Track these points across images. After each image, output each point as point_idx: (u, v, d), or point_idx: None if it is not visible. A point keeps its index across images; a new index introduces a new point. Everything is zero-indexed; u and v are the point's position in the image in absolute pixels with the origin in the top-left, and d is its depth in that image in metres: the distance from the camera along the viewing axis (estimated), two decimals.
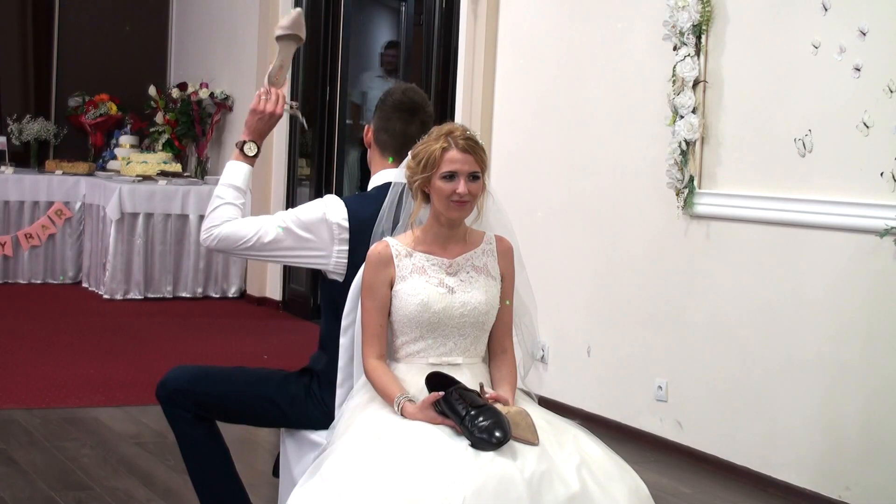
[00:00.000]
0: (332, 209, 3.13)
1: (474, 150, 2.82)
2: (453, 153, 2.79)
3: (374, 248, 2.86)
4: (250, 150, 3.27)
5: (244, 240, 3.12)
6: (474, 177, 2.80)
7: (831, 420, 4.38)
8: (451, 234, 2.86)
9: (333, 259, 3.12)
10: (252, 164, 3.28)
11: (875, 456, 4.23)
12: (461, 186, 2.78)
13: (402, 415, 2.67)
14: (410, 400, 2.68)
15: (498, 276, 2.89)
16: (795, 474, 4.50)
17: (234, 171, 3.25)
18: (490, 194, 2.92)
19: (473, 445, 2.51)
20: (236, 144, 3.29)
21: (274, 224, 3.13)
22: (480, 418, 2.52)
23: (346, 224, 3.10)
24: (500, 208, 2.98)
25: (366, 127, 3.33)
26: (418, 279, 2.81)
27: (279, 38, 3.35)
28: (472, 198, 2.81)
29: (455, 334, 2.82)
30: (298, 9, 3.47)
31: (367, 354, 2.84)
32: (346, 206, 3.13)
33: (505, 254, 2.92)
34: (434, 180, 2.80)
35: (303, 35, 3.39)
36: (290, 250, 3.14)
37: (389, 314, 2.85)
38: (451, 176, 2.78)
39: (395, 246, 2.85)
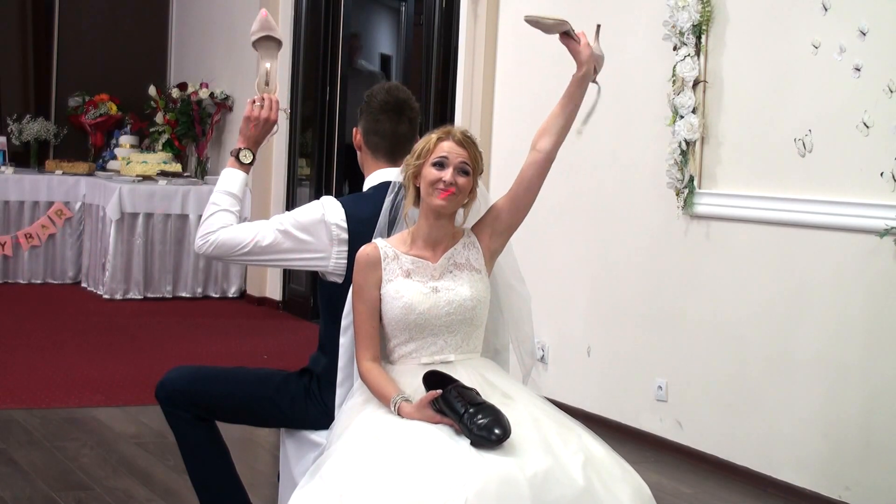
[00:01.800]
0: (329, 210, 3.12)
1: (470, 145, 2.85)
2: (448, 143, 2.84)
3: (363, 250, 2.88)
4: (245, 157, 3.26)
5: (241, 245, 3.11)
6: (464, 171, 2.82)
7: (831, 420, 4.38)
8: (440, 234, 2.86)
9: (332, 260, 3.12)
10: (248, 172, 3.27)
11: (875, 456, 4.23)
12: (448, 175, 2.80)
13: (399, 415, 2.67)
14: (407, 400, 2.68)
15: (482, 267, 2.89)
16: (795, 474, 4.50)
17: (230, 179, 3.24)
18: (481, 200, 2.94)
19: (473, 444, 2.51)
20: (231, 152, 3.28)
21: (271, 228, 3.12)
22: (479, 416, 2.52)
23: (345, 224, 3.10)
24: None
25: (354, 130, 3.32)
26: (402, 282, 2.82)
27: (254, 44, 3.35)
28: (459, 191, 2.81)
29: (444, 332, 2.82)
30: (263, 10, 3.45)
31: (361, 357, 2.84)
32: (344, 206, 3.13)
33: (482, 227, 2.92)
34: (425, 167, 2.83)
35: (277, 35, 3.37)
36: (289, 253, 3.13)
37: (380, 318, 2.86)
38: (440, 164, 2.81)
39: (384, 248, 2.87)
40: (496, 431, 2.49)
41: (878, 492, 4.20)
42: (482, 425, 2.50)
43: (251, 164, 3.28)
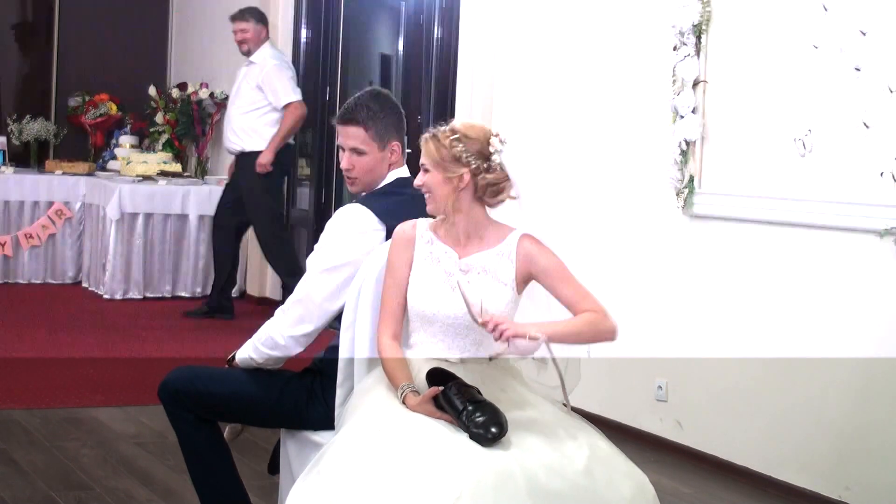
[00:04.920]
0: (359, 219, 3.12)
1: (426, 143, 2.85)
2: (422, 146, 2.90)
3: (401, 227, 2.88)
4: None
5: (306, 307, 3.13)
6: (424, 169, 2.84)
7: (831, 420, 4.38)
8: (462, 229, 2.83)
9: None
10: None
11: (875, 456, 4.23)
12: (419, 177, 2.85)
13: (402, 403, 2.67)
14: (414, 391, 2.68)
15: (511, 281, 2.82)
16: (795, 474, 4.50)
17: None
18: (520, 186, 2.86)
19: (474, 426, 2.53)
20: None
21: (312, 276, 3.12)
22: (477, 414, 2.54)
23: (380, 224, 3.10)
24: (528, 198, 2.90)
25: (394, 144, 3.29)
26: (427, 269, 2.81)
27: None
28: (429, 189, 2.82)
29: (451, 332, 2.80)
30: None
31: (382, 332, 2.84)
32: (369, 207, 3.13)
33: (529, 256, 2.82)
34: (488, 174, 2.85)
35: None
36: (347, 279, 3.10)
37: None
38: (419, 168, 2.89)
39: (422, 230, 2.87)
40: (493, 430, 2.51)
41: (878, 492, 4.20)
42: (480, 423, 2.52)
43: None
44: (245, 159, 7.46)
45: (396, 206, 3.08)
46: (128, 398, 5.57)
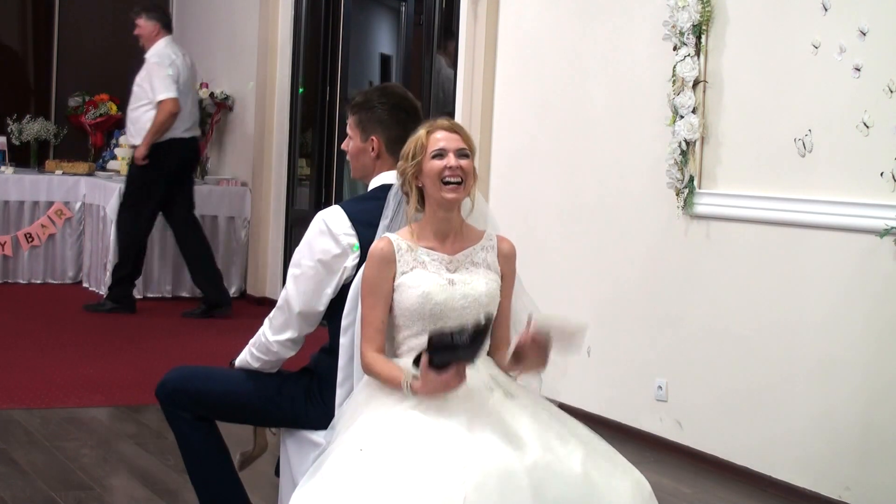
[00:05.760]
0: (332, 222, 3.11)
1: (460, 130, 2.88)
2: (439, 133, 2.85)
3: (377, 245, 2.86)
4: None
5: (288, 313, 3.15)
6: (463, 155, 2.83)
7: (831, 420, 4.38)
8: (448, 228, 2.86)
9: (350, 263, 3.11)
10: None
11: (875, 456, 4.23)
12: (451, 160, 2.80)
13: (413, 394, 2.64)
14: (415, 376, 2.67)
15: (498, 270, 2.90)
16: (795, 474, 4.50)
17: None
18: (480, 201, 2.95)
19: (469, 342, 2.54)
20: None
21: (289, 283, 3.14)
22: (464, 334, 2.56)
23: (352, 230, 3.10)
24: (487, 209, 3.01)
25: (373, 139, 3.29)
26: (420, 272, 2.81)
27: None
28: (464, 175, 2.82)
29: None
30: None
31: (366, 349, 2.83)
32: (346, 211, 3.13)
33: (507, 256, 2.93)
34: (424, 164, 2.82)
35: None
36: (322, 281, 3.11)
37: (391, 309, 2.85)
38: (440, 154, 2.82)
39: (397, 241, 2.85)
40: (474, 323, 2.57)
41: (878, 492, 4.21)
42: (465, 329, 2.56)
43: None
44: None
45: (373, 212, 3.06)
46: (128, 398, 5.58)
